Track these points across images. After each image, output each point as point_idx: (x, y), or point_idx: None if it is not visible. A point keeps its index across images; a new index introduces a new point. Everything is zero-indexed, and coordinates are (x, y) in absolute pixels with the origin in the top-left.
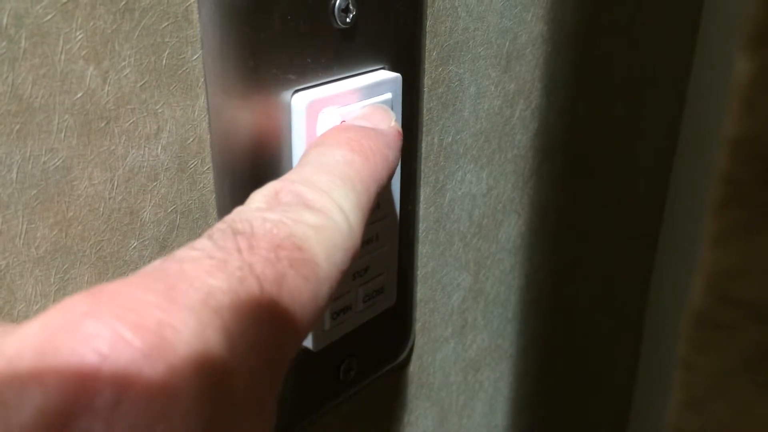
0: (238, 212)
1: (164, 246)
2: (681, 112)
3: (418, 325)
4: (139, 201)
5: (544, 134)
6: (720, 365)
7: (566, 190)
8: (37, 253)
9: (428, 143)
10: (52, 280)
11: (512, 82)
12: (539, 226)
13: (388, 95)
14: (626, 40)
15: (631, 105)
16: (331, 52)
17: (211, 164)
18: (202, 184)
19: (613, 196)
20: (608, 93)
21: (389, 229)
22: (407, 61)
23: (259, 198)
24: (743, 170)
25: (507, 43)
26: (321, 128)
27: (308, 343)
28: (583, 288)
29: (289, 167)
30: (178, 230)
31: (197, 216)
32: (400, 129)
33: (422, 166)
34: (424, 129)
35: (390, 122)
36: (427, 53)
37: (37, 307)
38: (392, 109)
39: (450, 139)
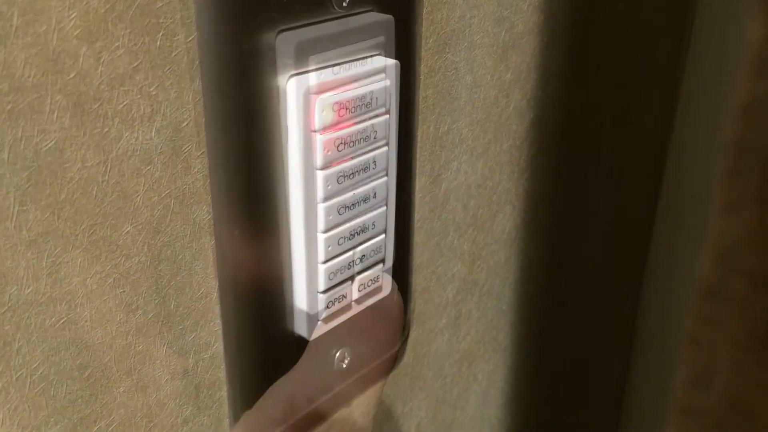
0: None
1: (158, 231)
2: (676, 103)
3: (412, 316)
4: (132, 185)
5: (539, 125)
6: (729, 340)
7: (561, 181)
8: (28, 236)
9: (424, 132)
10: (43, 263)
11: (508, 72)
12: (534, 218)
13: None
14: (622, 30)
15: (626, 96)
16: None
17: (206, 148)
18: (196, 169)
19: (609, 187)
20: (604, 84)
21: (384, 218)
22: (404, 46)
23: None
24: (755, 135)
25: (503, 32)
26: (317, 113)
27: (303, 332)
28: (577, 280)
29: (284, 152)
30: (172, 215)
31: (191, 201)
32: None
33: (418, 156)
34: (420, 117)
35: None
36: (423, 40)
37: (29, 290)
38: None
39: (446, 129)
